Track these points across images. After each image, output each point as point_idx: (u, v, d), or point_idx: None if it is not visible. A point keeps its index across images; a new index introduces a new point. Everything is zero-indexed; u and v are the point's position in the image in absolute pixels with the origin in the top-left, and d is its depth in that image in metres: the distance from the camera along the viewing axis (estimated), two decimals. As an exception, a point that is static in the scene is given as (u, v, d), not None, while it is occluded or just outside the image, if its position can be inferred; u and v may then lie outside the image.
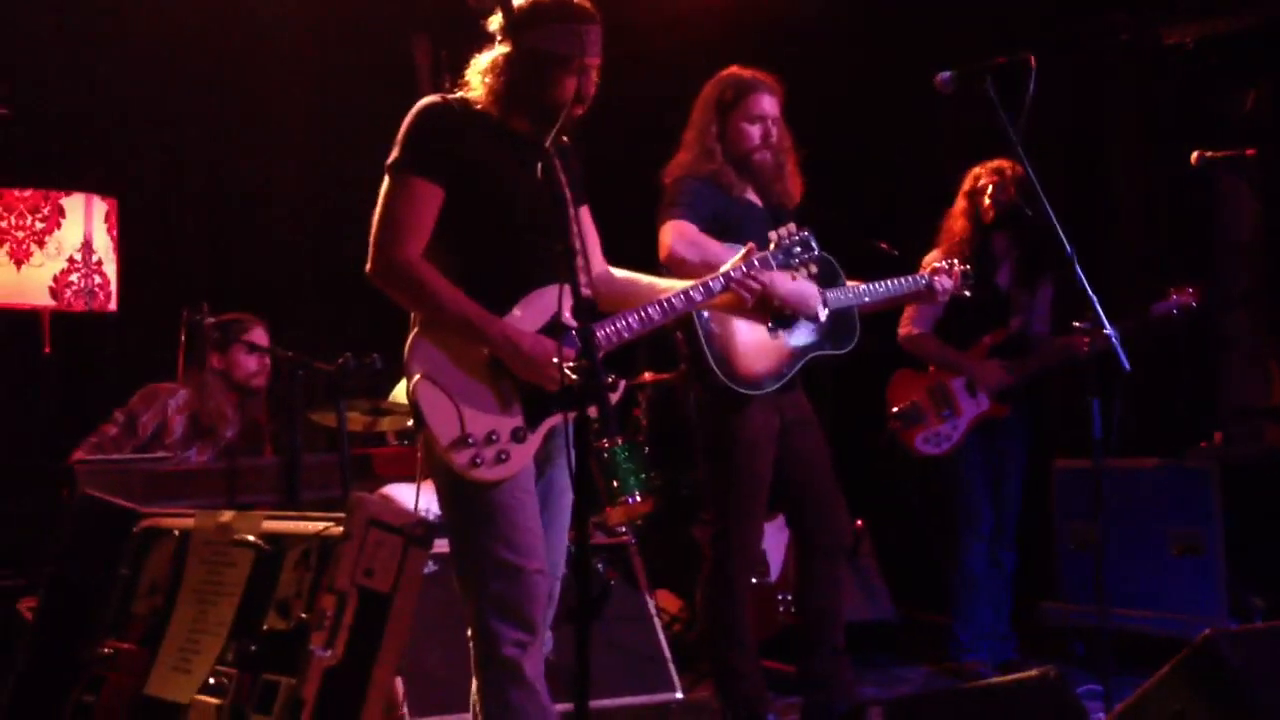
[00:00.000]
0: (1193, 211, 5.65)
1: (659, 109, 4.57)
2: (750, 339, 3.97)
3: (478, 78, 2.99)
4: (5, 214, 4.62)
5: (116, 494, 3.58)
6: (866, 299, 4.14)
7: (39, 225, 4.65)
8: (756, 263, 3.26)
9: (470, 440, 2.84)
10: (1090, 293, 3.40)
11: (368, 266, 2.94)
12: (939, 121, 6.31)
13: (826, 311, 4.00)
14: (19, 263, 4.62)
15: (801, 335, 4.08)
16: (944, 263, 4.37)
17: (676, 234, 3.87)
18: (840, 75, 6.59)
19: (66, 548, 3.44)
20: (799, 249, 3.41)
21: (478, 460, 2.84)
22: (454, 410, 2.85)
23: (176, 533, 3.20)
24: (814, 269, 3.46)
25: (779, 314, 3.95)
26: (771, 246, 3.39)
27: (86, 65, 5.70)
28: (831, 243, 4.13)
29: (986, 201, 4.92)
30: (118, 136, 5.83)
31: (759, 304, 3.87)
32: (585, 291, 2.98)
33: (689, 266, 3.76)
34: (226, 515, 3.11)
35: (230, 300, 5.13)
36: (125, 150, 5.84)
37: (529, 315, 2.94)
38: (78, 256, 4.70)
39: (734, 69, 4.13)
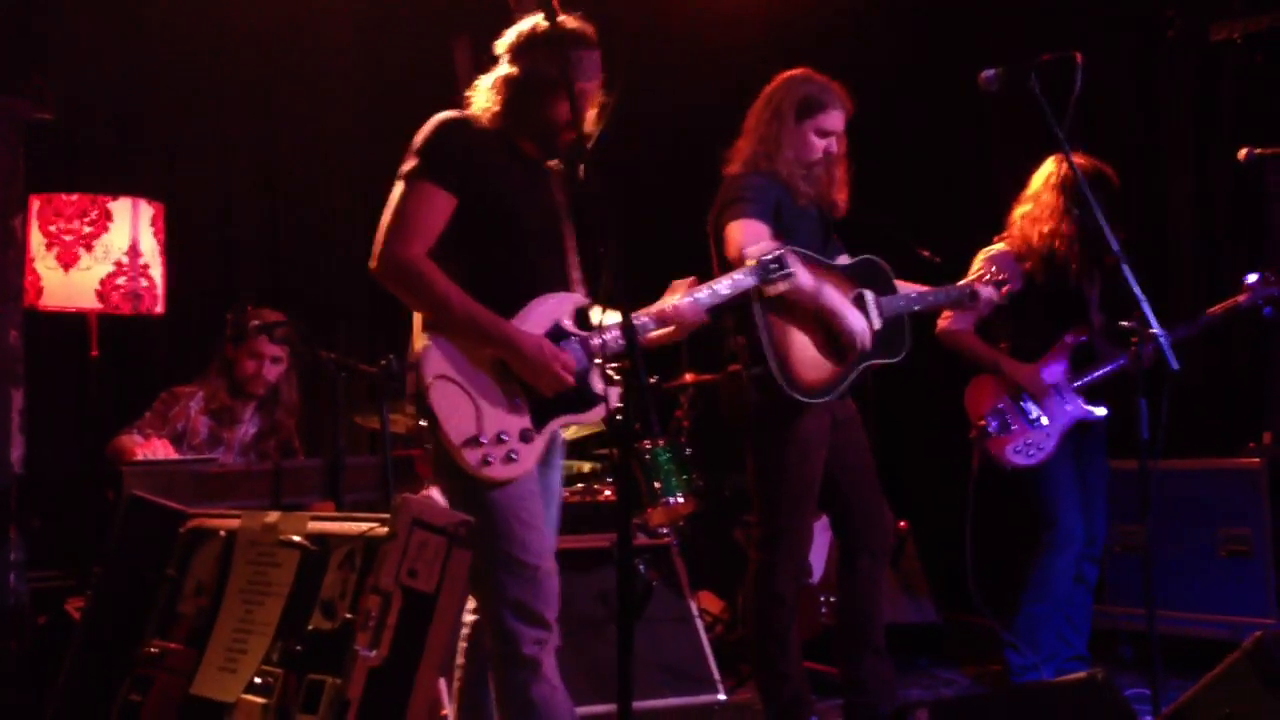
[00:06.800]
0: (1245, 208, 5.58)
1: (705, 111, 4.55)
2: (809, 348, 3.97)
3: (483, 96, 3.07)
4: (53, 218, 4.66)
5: (162, 495, 3.61)
6: (916, 307, 4.19)
7: (86, 229, 4.68)
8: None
9: (481, 440, 2.89)
10: (1139, 293, 3.35)
11: (371, 263, 2.98)
12: (986, 120, 6.28)
13: (880, 321, 4.05)
14: (66, 266, 4.66)
15: None
16: (987, 273, 4.39)
17: (749, 234, 3.83)
18: (887, 73, 6.56)
19: (114, 548, 3.47)
20: (774, 265, 3.44)
21: (488, 459, 2.89)
22: (468, 410, 2.90)
23: (223, 533, 3.22)
24: (789, 285, 3.49)
25: (831, 337, 3.96)
26: (750, 263, 3.44)
27: (133, 70, 5.74)
28: (875, 248, 4.17)
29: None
30: (165, 141, 5.87)
31: (817, 322, 3.89)
32: (585, 301, 3.08)
33: None
34: (272, 516, 3.13)
35: (276, 303, 5.13)
36: (173, 154, 5.88)
37: (531, 321, 2.99)
38: (124, 260, 4.73)
39: (809, 73, 4.08)
